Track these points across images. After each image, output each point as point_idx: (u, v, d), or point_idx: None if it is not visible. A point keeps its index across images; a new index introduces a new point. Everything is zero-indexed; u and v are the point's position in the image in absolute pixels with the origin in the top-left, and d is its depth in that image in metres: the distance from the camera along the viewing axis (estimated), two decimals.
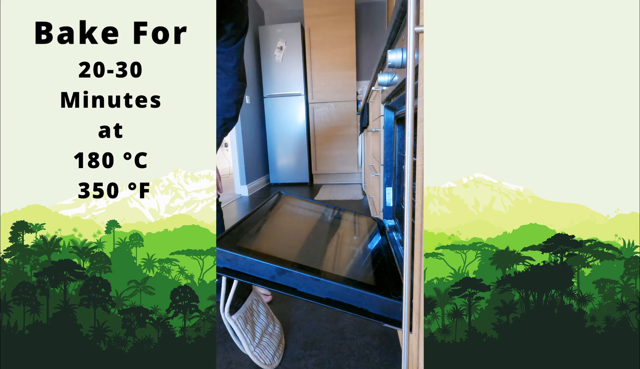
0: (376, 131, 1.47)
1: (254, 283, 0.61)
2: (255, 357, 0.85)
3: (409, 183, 0.50)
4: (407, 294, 0.53)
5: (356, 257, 0.77)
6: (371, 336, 1.02)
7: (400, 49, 0.58)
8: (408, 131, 0.48)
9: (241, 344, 0.85)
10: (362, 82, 3.95)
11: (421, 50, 0.48)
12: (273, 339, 0.93)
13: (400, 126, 1.17)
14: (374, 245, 0.90)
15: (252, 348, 0.85)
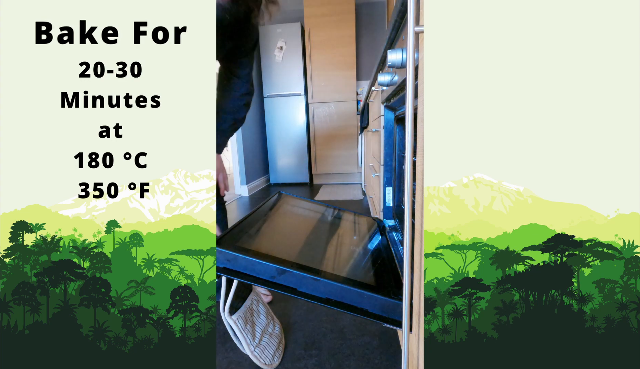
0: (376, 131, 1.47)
1: (254, 283, 0.61)
2: (255, 357, 0.85)
3: (409, 183, 0.50)
4: (407, 294, 0.53)
5: (356, 257, 0.77)
6: (371, 336, 1.02)
7: (400, 49, 0.58)
8: (408, 131, 0.48)
9: (241, 344, 0.85)
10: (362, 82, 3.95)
11: (421, 50, 0.48)
12: (273, 339, 0.93)
13: (400, 126, 1.17)
14: (374, 245, 0.90)
15: (252, 348, 0.85)
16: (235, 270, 0.62)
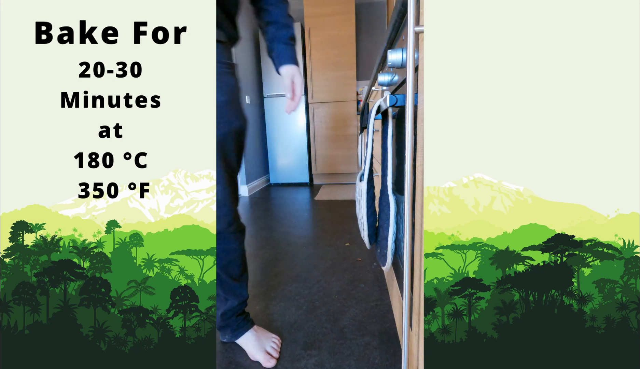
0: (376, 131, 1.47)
1: None
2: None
3: (409, 183, 0.50)
4: (407, 294, 0.53)
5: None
6: (371, 336, 1.02)
7: (400, 49, 0.58)
8: (408, 131, 0.48)
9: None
10: (362, 82, 3.95)
11: (421, 50, 0.48)
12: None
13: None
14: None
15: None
16: None
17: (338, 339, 1.01)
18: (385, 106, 0.64)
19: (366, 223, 0.81)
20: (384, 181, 0.75)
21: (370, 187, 0.79)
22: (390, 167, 0.73)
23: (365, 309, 1.18)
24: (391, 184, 0.73)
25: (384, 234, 0.71)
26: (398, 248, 0.72)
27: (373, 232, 0.83)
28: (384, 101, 0.65)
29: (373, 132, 0.73)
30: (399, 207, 0.69)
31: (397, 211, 0.69)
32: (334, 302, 1.23)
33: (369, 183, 0.79)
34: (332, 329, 1.07)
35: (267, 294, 1.31)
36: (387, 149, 0.75)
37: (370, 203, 0.79)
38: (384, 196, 0.73)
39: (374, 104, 0.74)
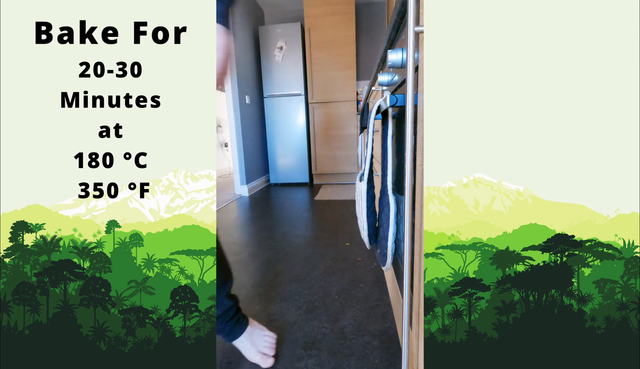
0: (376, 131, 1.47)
1: None
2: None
3: (409, 183, 0.50)
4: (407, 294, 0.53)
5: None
6: (371, 336, 1.02)
7: (400, 49, 0.58)
8: (408, 131, 0.48)
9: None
10: (362, 82, 3.95)
11: (421, 50, 0.48)
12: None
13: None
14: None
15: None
16: None
17: (338, 339, 1.01)
18: (385, 105, 0.64)
19: (366, 223, 0.80)
20: (384, 181, 0.75)
21: (370, 187, 0.79)
22: (390, 167, 0.73)
23: (365, 309, 1.18)
24: (391, 184, 0.73)
25: (384, 234, 0.71)
26: (398, 248, 0.72)
27: (373, 232, 0.83)
28: (384, 101, 0.65)
29: (373, 132, 0.73)
30: (399, 207, 0.69)
31: (397, 211, 0.69)
32: (334, 302, 1.23)
33: (369, 183, 0.79)
34: (332, 329, 1.07)
35: (267, 294, 1.31)
36: (387, 149, 0.75)
37: (370, 203, 0.79)
38: (384, 196, 0.73)
39: (374, 104, 0.74)
